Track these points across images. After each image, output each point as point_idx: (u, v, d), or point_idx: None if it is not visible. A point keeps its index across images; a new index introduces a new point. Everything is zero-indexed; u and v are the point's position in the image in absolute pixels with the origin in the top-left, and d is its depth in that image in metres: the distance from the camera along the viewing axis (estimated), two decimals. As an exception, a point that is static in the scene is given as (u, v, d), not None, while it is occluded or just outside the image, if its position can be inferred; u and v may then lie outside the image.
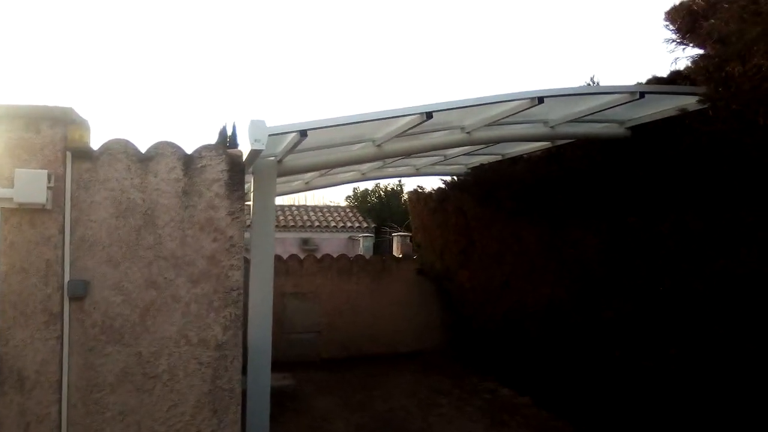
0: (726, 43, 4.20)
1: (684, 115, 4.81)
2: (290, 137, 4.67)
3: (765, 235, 4.08)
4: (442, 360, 10.37)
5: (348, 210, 25.31)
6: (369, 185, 28.85)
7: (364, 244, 21.65)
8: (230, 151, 4.25)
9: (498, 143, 6.50)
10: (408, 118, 4.81)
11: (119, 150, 3.99)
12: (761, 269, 4.14)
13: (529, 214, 7.08)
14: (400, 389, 8.49)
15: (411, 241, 16.31)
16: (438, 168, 9.41)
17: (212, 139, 25.37)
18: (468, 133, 5.96)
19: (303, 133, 4.27)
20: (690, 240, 4.76)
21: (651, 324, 5.30)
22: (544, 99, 4.80)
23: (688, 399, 5.01)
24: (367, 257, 11.26)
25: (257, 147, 4.04)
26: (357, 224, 23.47)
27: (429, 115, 4.56)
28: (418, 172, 9.58)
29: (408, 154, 6.23)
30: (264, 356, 4.88)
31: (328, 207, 25.26)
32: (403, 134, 5.57)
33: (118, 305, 3.97)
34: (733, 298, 4.40)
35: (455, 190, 9.30)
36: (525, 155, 7.89)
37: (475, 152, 7.80)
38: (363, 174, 9.22)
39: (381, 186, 28.33)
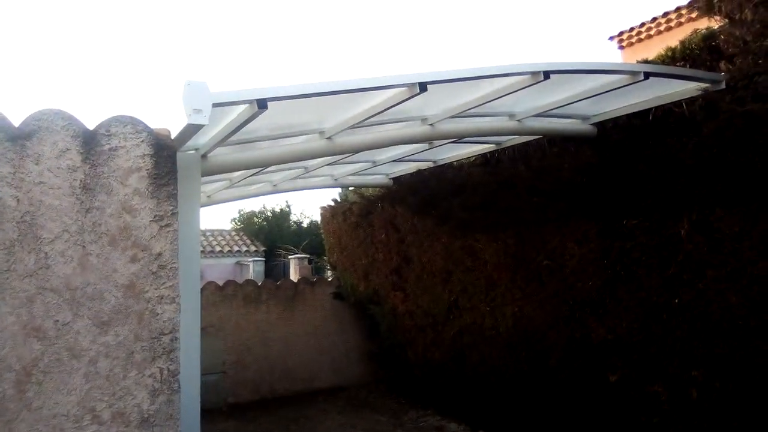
0: (772, 6, 3.55)
1: (703, 96, 4.14)
2: (232, 116, 3.39)
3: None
4: (369, 395, 9.17)
5: (234, 233, 23.40)
6: (256, 206, 26.95)
7: (254, 269, 19.94)
8: (156, 129, 2.90)
9: (462, 138, 5.55)
10: (391, 92, 3.69)
11: (-24, 121, 2.52)
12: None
13: (487, 224, 6.18)
14: (334, 436, 7.21)
15: (309, 262, 15.10)
16: (352, 179, 8.34)
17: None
18: (431, 125, 4.97)
19: (261, 104, 3.02)
20: (718, 242, 4.05)
21: (661, 344, 4.54)
22: (551, 74, 3.92)
23: (714, 425, 4.26)
24: (278, 282, 9.86)
25: (197, 121, 2.75)
26: (245, 248, 21.69)
27: (423, 86, 3.48)
28: (336, 183, 8.46)
29: (363, 149, 5.10)
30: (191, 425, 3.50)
31: (212, 231, 23.19)
32: (359, 124, 4.46)
33: (-25, 369, 2.46)
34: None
35: (384, 201, 8.26)
36: (455, 162, 7.10)
37: (404, 159, 6.86)
38: (274, 186, 7.96)
39: (267, 207, 26.58)
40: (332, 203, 10.35)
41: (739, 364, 4.02)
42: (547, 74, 3.89)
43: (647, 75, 4.24)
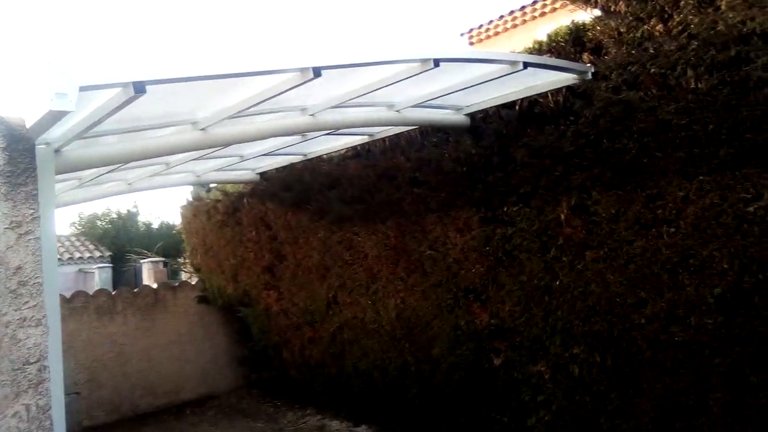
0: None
1: (578, 86, 4.34)
2: (98, 102, 2.93)
3: (695, 210, 3.72)
4: (242, 401, 8.73)
5: (74, 238, 21.26)
6: (98, 208, 24.57)
7: (100, 277, 18.24)
8: (7, 116, 2.40)
9: (341, 129, 5.38)
10: (280, 78, 3.41)
11: None
12: (691, 246, 3.77)
13: (366, 216, 6.07)
14: (210, 450, 6.75)
15: (165, 266, 14.18)
16: (216, 175, 7.88)
17: None
18: (312, 115, 4.75)
19: (138, 88, 2.62)
20: (595, 224, 4.26)
21: (543, 325, 4.72)
22: (440, 62, 3.87)
23: (594, 402, 4.51)
24: (135, 290, 9.03)
25: (60, 107, 2.34)
26: (88, 254, 19.77)
27: (317, 71, 3.26)
28: (198, 180, 7.93)
29: (241, 141, 4.76)
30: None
31: (47, 237, 20.83)
32: (239, 114, 4.14)
33: None
34: (653, 282, 3.98)
35: (253, 197, 7.86)
36: (325, 155, 6.94)
37: (273, 152, 6.57)
38: (129, 184, 7.26)
39: (112, 209, 24.41)
40: (194, 201, 9.70)
41: (616, 339, 4.28)
42: (437, 62, 3.84)
43: (526, 65, 4.35)
